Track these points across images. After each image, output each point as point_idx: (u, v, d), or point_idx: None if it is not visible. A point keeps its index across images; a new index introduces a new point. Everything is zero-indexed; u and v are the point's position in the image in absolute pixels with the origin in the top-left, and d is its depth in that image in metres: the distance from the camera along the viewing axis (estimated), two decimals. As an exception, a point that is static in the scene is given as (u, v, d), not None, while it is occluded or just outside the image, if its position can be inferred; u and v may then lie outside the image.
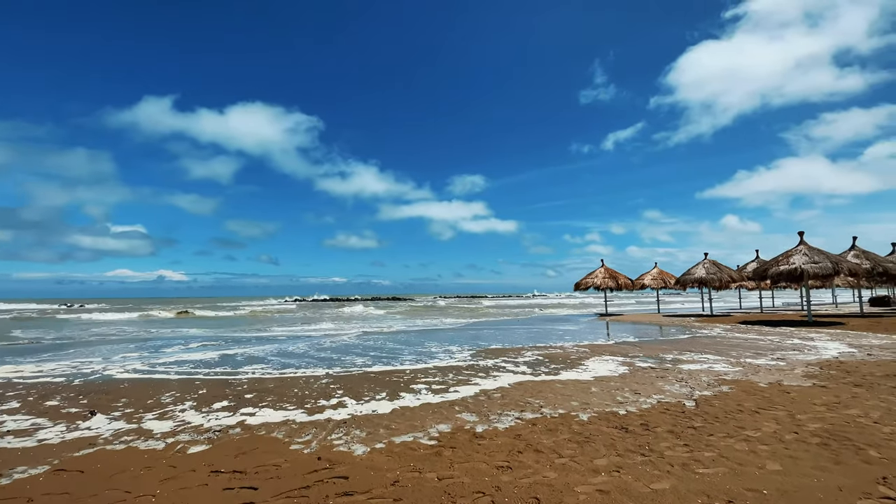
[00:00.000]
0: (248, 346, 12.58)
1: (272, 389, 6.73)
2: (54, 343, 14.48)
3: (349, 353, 10.84)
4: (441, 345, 12.39)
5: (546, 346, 11.69)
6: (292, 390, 6.63)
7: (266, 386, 7.02)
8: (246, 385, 7.14)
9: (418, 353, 10.79)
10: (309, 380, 7.47)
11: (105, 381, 7.70)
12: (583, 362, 8.64)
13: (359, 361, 9.53)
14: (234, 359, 10.28)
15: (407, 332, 16.87)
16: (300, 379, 7.57)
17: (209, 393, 6.60)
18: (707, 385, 6.25)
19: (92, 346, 13.55)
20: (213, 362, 9.76)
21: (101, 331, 19.63)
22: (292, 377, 7.78)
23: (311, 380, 7.47)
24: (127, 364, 9.57)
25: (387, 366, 8.83)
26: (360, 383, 7.04)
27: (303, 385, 7.03)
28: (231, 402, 5.95)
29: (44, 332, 19.35)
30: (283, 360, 9.98)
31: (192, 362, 9.72)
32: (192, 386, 7.15)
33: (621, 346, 11.27)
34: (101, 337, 16.60)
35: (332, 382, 7.18)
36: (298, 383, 7.18)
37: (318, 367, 8.79)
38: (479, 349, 11.19)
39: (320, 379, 7.52)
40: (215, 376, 8.07)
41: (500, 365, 8.55)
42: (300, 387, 6.88)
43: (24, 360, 10.46)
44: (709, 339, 12.33)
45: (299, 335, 16.30)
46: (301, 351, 11.46)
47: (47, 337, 16.70)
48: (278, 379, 7.64)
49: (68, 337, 16.70)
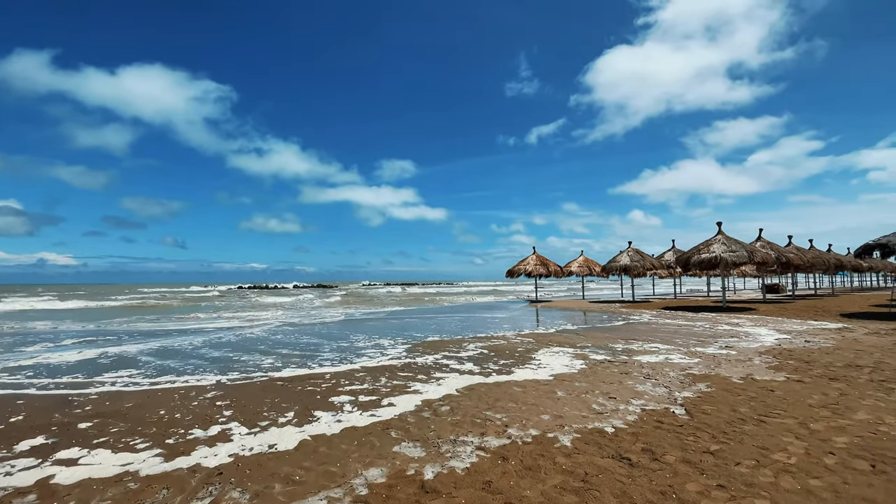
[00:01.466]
0: (129, 344, 9.97)
1: (126, 413, 4.74)
2: None
3: (255, 352, 8.85)
4: (370, 338, 10.79)
5: (487, 336, 10.62)
6: (157, 413, 4.70)
7: (120, 407, 4.99)
8: (90, 406, 5.04)
9: (343, 349, 9.11)
10: (189, 394, 5.54)
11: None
12: (533, 356, 7.61)
13: (265, 363, 7.64)
14: (97, 362, 7.82)
15: (330, 323, 14.97)
16: (176, 392, 5.60)
17: (25, 422, 4.45)
18: (680, 383, 5.45)
19: None
20: (66, 368, 7.27)
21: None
22: (166, 390, 5.77)
23: (191, 393, 5.54)
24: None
25: (301, 368, 7.08)
26: (259, 397, 5.27)
27: (176, 403, 5.10)
28: (49, 440, 3.93)
29: None
30: (164, 362, 7.76)
31: (40, 368, 7.15)
32: (6, 408, 4.88)
33: (565, 335, 10.54)
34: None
35: (220, 397, 5.33)
36: (171, 400, 5.23)
37: (208, 373, 6.80)
38: (415, 342, 9.79)
39: (205, 392, 5.62)
40: (55, 390, 5.78)
41: (441, 362, 7.22)
42: (171, 406, 4.96)
43: None
44: (645, 326, 12.12)
45: (199, 328, 13.69)
46: (191, 348, 9.20)
47: None
48: (144, 394, 5.60)
49: None
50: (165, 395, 5.50)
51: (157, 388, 5.92)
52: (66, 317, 19.50)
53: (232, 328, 13.52)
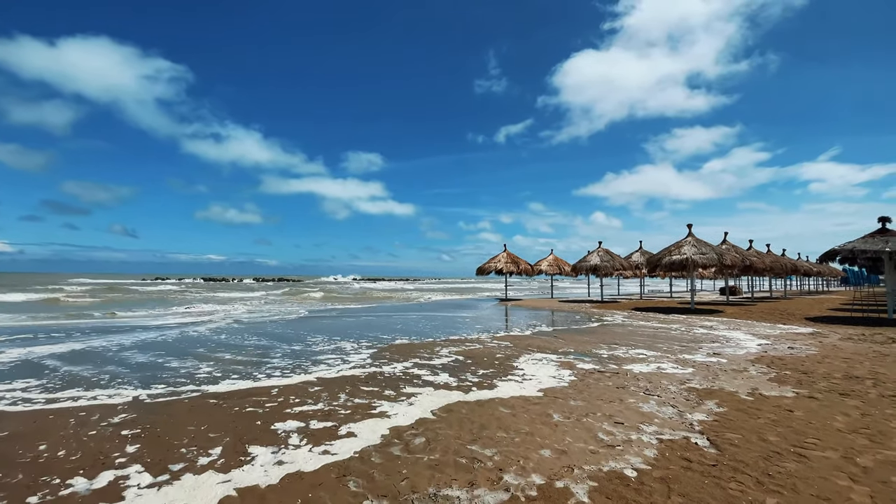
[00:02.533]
0: (42, 344, 8.38)
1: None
2: None
3: (192, 356, 7.58)
4: (330, 339, 9.69)
5: (460, 338, 9.78)
6: (34, 449, 3.52)
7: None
8: (-58, 437, 3.77)
9: (297, 354, 7.99)
10: (90, 417, 4.33)
11: None
12: (514, 364, 6.82)
13: (201, 371, 6.44)
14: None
15: (286, 321, 13.67)
16: (75, 415, 4.38)
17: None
18: (686, 400, 4.79)
19: None
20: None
21: None
22: (63, 411, 4.53)
23: (93, 417, 4.34)
24: None
25: (244, 380, 5.95)
26: (182, 423, 4.16)
27: (69, 432, 3.91)
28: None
29: None
30: (77, 369, 6.41)
31: None
32: None
33: (543, 338, 9.85)
34: None
35: (130, 422, 4.17)
36: (63, 427, 4.02)
37: (126, 386, 5.56)
38: (382, 345, 8.79)
39: (113, 414, 4.43)
40: None
41: (412, 372, 6.29)
42: (60, 437, 3.77)
43: None
44: (621, 329, 11.66)
45: (136, 325, 12.06)
46: (116, 351, 7.80)
47: None
48: (32, 416, 4.35)
49: None
50: (59, 418, 4.28)
51: (53, 407, 4.66)
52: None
53: (174, 325, 12.01)
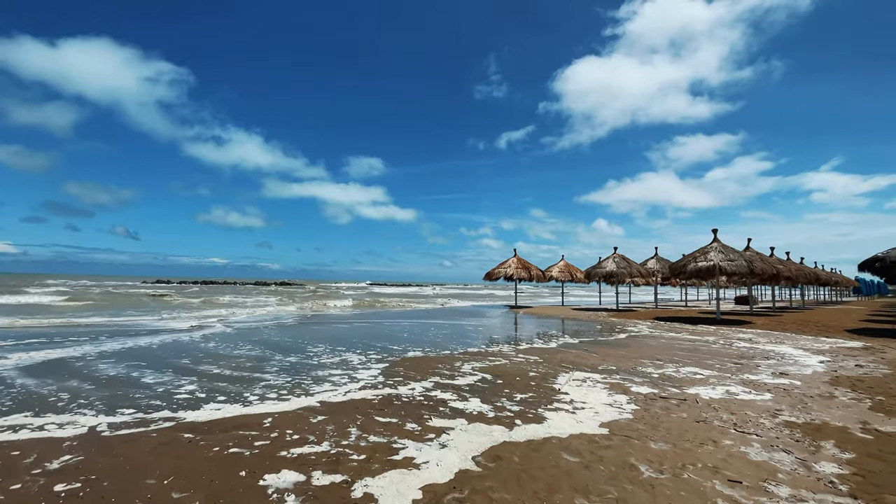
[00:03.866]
0: (7, 353, 7.34)
1: None
2: None
3: (173, 369, 6.51)
4: (334, 350, 8.61)
5: (480, 351, 8.69)
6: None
7: None
8: None
9: (297, 368, 6.92)
10: (22, 460, 3.25)
11: None
12: (555, 386, 5.74)
13: (181, 391, 5.37)
14: (-79, 387, 5.30)
15: (285, 327, 12.60)
16: (2, 455, 3.32)
17: None
18: (795, 441, 3.70)
19: None
20: None
21: None
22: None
23: (27, 458, 3.27)
24: None
25: (232, 403, 4.87)
26: (139, 476, 3.08)
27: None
28: None
29: None
30: (36, 383, 5.34)
31: None
32: None
33: (573, 351, 8.76)
34: None
35: (72, 468, 3.10)
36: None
37: (85, 410, 4.49)
38: (393, 357, 7.71)
39: (55, 453, 3.36)
40: None
41: (435, 396, 5.20)
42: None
43: None
44: (654, 341, 10.55)
45: (119, 329, 11.00)
46: (88, 361, 6.73)
47: None
48: (-59, 458, 3.28)
49: None
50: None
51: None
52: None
53: (162, 330, 10.96)
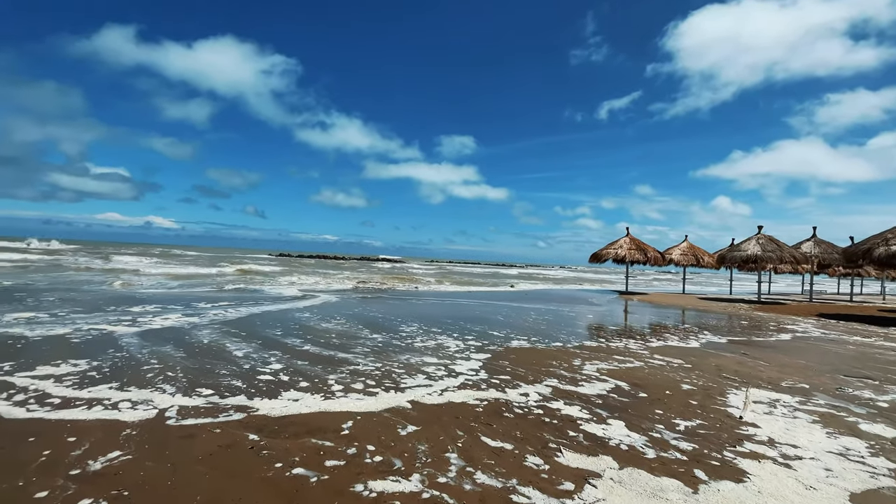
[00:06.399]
0: (153, 316, 7.84)
1: None
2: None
3: (263, 342, 6.15)
4: (428, 331, 7.76)
5: (602, 346, 7.12)
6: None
7: None
8: None
9: (387, 349, 6.14)
10: (73, 449, 2.74)
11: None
12: (732, 411, 4.07)
13: (264, 372, 4.83)
14: (53, 345, 5.54)
15: (377, 301, 12.23)
16: (58, 439, 2.85)
17: None
18: None
19: None
20: None
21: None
22: (55, 426, 3.06)
23: (81, 446, 2.76)
24: None
25: (311, 393, 4.14)
26: (186, 486, 2.35)
27: (41, 467, 2.33)
28: None
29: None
30: (138, 353, 5.27)
31: None
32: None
33: (724, 354, 6.74)
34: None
35: (115, 469, 2.48)
36: (21, 464, 2.48)
37: (164, 387, 4.10)
38: (495, 348, 6.58)
39: (109, 445, 2.82)
40: None
41: (558, 410, 3.92)
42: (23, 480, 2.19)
43: None
44: (837, 347, 7.85)
45: (236, 297, 11.56)
46: (190, 328, 6.74)
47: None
48: (19, 429, 2.94)
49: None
50: (41, 441, 2.80)
51: (54, 417, 3.26)
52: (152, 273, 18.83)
53: (267, 298, 11.24)
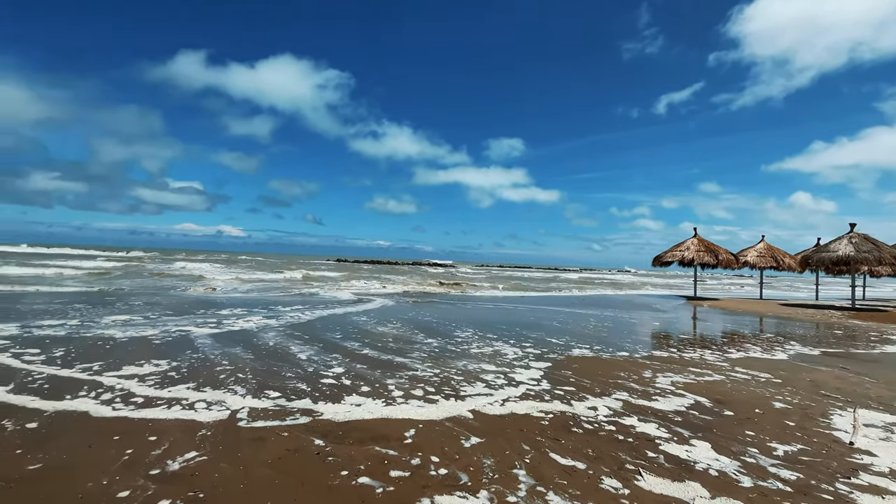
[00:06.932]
0: (233, 319, 8.42)
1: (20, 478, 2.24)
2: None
3: (324, 345, 6.29)
4: (483, 336, 7.61)
5: (674, 357, 6.59)
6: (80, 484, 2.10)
7: (42, 452, 2.54)
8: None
9: (443, 355, 6.06)
10: (153, 449, 2.90)
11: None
12: (839, 436, 3.55)
13: (328, 375, 4.91)
14: (134, 346, 6.03)
15: (431, 305, 12.23)
16: (139, 437, 3.02)
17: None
18: None
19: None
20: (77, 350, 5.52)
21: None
22: (138, 425, 3.27)
23: (161, 446, 2.91)
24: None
25: (373, 398, 4.13)
26: (253, 494, 2.38)
27: (120, 460, 2.48)
28: None
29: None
30: (211, 354, 5.59)
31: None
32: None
33: (818, 368, 5.97)
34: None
35: (187, 473, 2.56)
36: (100, 463, 2.63)
37: (236, 388, 4.26)
38: (556, 356, 6.30)
39: (185, 446, 2.94)
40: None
41: (631, 427, 3.61)
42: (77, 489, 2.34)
43: None
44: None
45: (295, 301, 12.08)
46: (257, 331, 7.08)
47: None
48: (106, 426, 3.16)
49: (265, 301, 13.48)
50: (126, 439, 2.99)
51: (138, 416, 3.49)
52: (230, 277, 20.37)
53: (326, 302, 11.62)
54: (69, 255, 39.37)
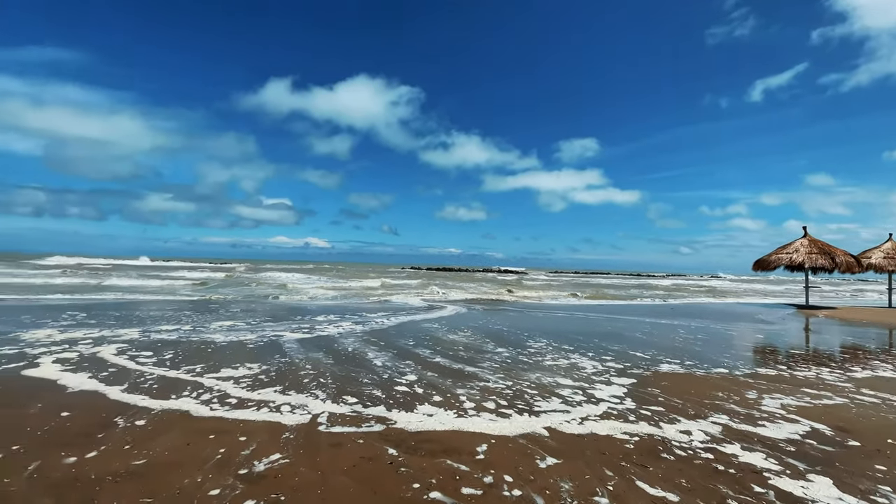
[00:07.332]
0: (322, 325, 9.08)
1: (132, 473, 2.54)
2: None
3: (398, 352, 6.42)
4: (558, 348, 7.27)
5: (782, 375, 5.76)
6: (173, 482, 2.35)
7: (144, 451, 2.88)
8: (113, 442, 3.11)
9: (515, 367, 5.87)
10: (242, 449, 3.12)
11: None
12: None
13: (400, 383, 4.98)
14: (230, 349, 6.64)
15: (500, 313, 11.99)
16: (231, 438, 3.28)
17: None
18: None
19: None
20: (183, 351, 6.19)
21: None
22: (228, 425, 3.56)
23: (249, 446, 3.13)
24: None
25: (445, 408, 4.10)
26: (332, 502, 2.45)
27: (210, 464, 2.72)
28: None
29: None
30: (300, 357, 5.98)
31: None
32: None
33: None
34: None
35: (270, 476, 2.73)
36: (196, 462, 2.88)
37: (317, 392, 4.49)
38: (641, 371, 5.82)
39: (269, 448, 3.14)
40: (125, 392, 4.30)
41: (734, 457, 3.17)
42: (175, 481, 2.58)
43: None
44: None
45: (378, 308, 12.60)
46: (339, 336, 7.44)
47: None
48: (201, 426, 3.49)
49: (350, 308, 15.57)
50: (219, 438, 3.26)
51: (230, 416, 3.80)
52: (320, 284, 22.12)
53: (401, 309, 11.94)
54: (181, 267, 44.95)
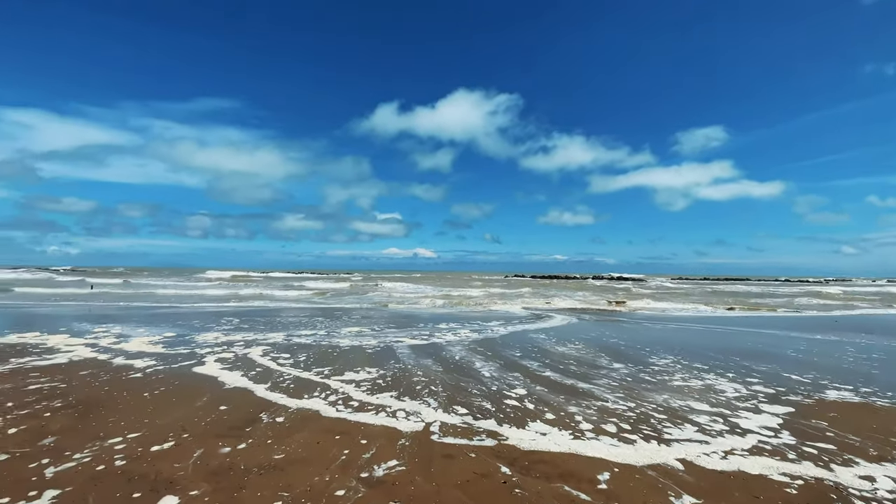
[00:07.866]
0: (437, 333, 9.59)
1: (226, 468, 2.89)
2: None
3: (505, 363, 6.28)
4: (690, 367, 6.41)
5: None
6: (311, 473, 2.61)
7: (280, 444, 3.25)
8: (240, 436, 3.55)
9: (636, 386, 5.31)
10: (363, 451, 3.32)
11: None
12: None
13: (510, 396, 4.86)
14: (353, 354, 7.20)
15: (615, 324, 11.02)
16: (352, 439, 3.51)
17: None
18: None
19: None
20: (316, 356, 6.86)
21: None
22: (350, 427, 3.82)
23: (369, 449, 3.31)
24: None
25: (557, 427, 3.87)
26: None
27: (336, 463, 2.94)
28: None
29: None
30: (415, 364, 6.26)
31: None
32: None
33: None
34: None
35: (386, 482, 2.84)
36: (318, 463, 3.12)
37: (429, 400, 4.60)
38: (800, 399, 4.82)
39: (385, 454, 3.28)
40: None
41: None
42: (307, 480, 2.81)
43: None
44: None
45: (484, 316, 12.66)
46: (445, 344, 7.59)
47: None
48: (327, 427, 3.81)
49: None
50: (344, 439, 3.52)
51: (353, 418, 4.09)
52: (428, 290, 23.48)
53: (506, 318, 11.76)
54: (308, 278, 50.80)
